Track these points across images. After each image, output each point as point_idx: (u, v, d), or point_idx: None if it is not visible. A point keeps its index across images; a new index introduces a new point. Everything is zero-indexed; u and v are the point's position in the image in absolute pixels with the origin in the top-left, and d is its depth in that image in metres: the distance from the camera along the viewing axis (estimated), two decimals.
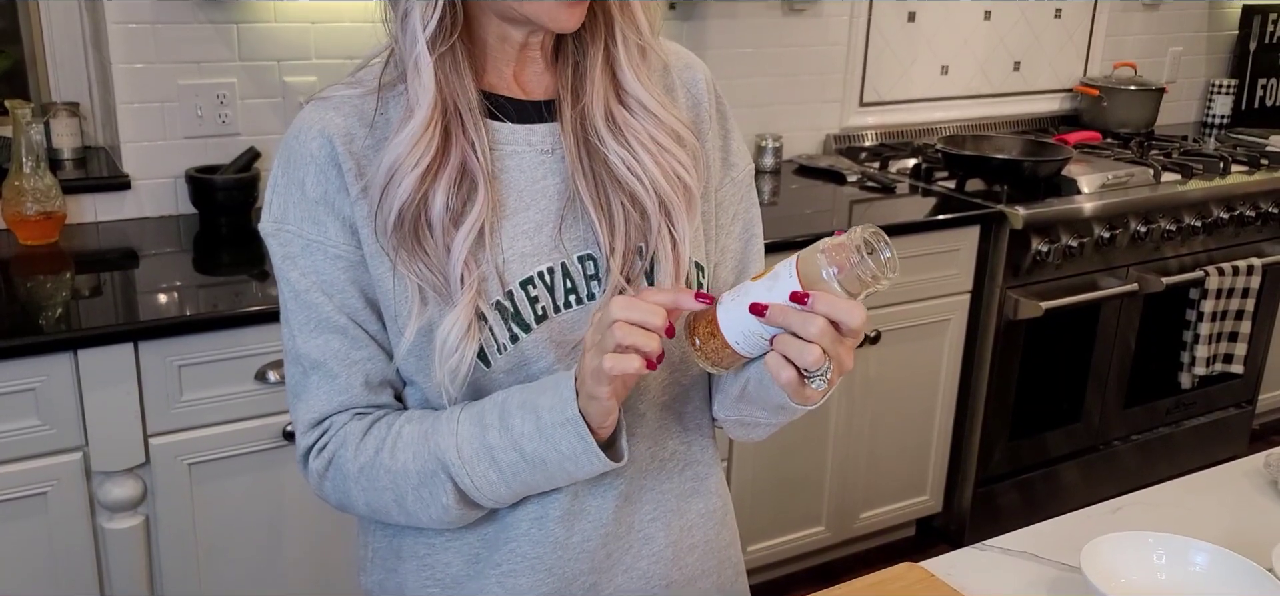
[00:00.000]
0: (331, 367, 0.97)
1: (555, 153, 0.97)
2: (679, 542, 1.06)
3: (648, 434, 1.03)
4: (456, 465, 0.93)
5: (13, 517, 1.68)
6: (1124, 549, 1.13)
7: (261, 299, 1.85)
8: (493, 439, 0.92)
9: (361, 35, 2.30)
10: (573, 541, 1.01)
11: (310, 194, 0.94)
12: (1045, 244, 2.61)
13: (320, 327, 0.96)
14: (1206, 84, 3.83)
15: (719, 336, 0.89)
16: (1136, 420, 3.04)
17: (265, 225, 0.97)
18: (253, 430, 1.81)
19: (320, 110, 0.96)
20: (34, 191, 1.99)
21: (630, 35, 0.96)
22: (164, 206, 2.24)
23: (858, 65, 3.06)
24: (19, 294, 1.83)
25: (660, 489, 1.05)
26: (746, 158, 1.10)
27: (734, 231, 1.08)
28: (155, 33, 2.13)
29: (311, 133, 0.95)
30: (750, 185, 1.10)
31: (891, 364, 2.56)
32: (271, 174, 0.98)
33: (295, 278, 0.96)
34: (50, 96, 2.25)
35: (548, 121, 0.98)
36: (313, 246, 0.95)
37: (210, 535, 1.84)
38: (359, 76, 0.98)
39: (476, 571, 1.03)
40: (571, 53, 0.98)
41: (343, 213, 0.94)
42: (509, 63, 0.97)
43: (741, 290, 0.88)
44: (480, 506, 0.97)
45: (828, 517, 2.62)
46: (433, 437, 0.94)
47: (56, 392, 1.66)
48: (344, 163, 0.93)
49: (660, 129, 0.97)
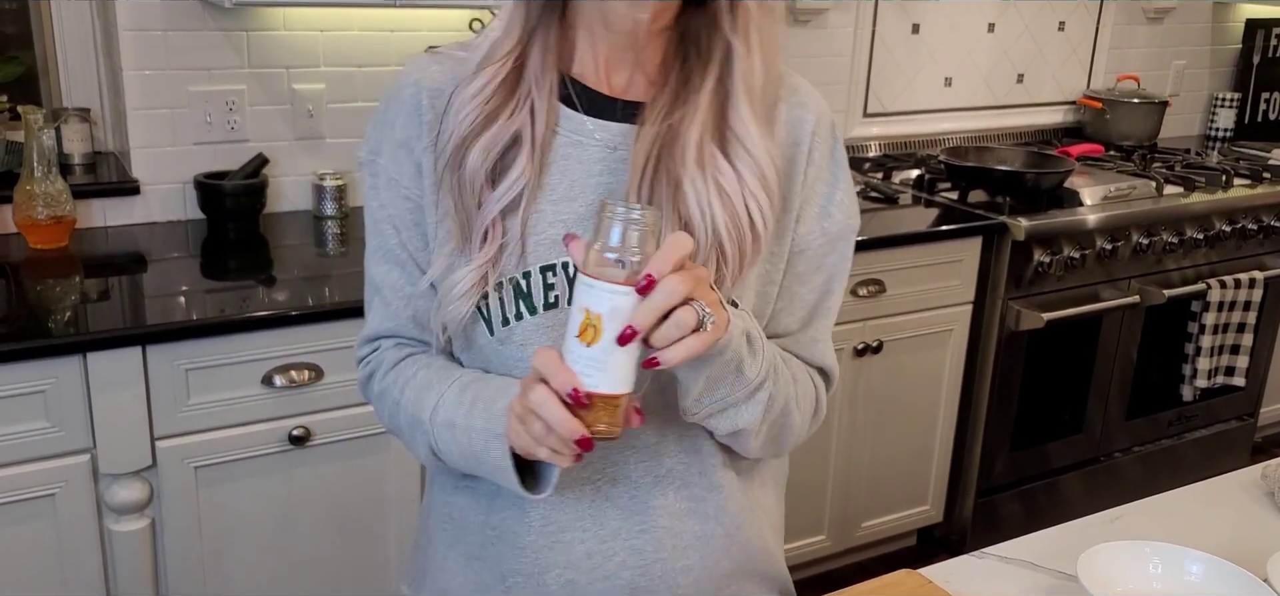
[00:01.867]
0: (387, 296, 1.05)
1: (618, 151, 0.98)
2: (669, 561, 1.04)
3: (643, 448, 1.01)
4: (428, 425, 1.00)
5: (21, 519, 1.69)
6: (1120, 558, 1.14)
7: (268, 304, 1.87)
8: (458, 417, 0.97)
9: (370, 43, 2.32)
10: (555, 546, 1.02)
11: (397, 135, 1.01)
12: (1047, 255, 2.62)
13: (386, 258, 1.04)
14: (1210, 97, 3.84)
15: (608, 402, 0.84)
16: (1138, 432, 3.05)
17: (362, 153, 1.05)
18: (259, 434, 1.83)
19: (426, 62, 1.03)
20: (44, 196, 2.01)
21: (751, 72, 0.95)
22: (173, 212, 2.26)
23: (862, 76, 3.08)
24: (29, 297, 1.85)
25: (651, 505, 1.03)
26: (849, 213, 1.05)
27: (813, 283, 1.05)
28: (166, 40, 2.15)
29: (409, 80, 1.02)
30: (846, 241, 1.06)
31: (893, 374, 2.57)
32: (376, 108, 1.05)
33: (375, 207, 1.04)
34: (61, 102, 2.27)
35: (623, 121, 0.98)
36: (392, 183, 1.02)
37: (216, 538, 1.85)
38: (475, 41, 1.03)
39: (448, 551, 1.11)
40: (686, 68, 0.97)
41: (418, 158, 1.00)
42: (599, 52, 0.99)
43: (574, 354, 0.83)
44: (451, 469, 1.03)
45: (829, 526, 2.63)
46: (427, 391, 1.01)
47: (65, 395, 1.68)
48: (426, 115, 1.00)
49: (751, 169, 0.95)
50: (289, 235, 2.26)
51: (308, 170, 2.36)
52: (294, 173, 2.35)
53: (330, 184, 2.33)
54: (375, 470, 1.95)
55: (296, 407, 1.85)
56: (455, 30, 2.37)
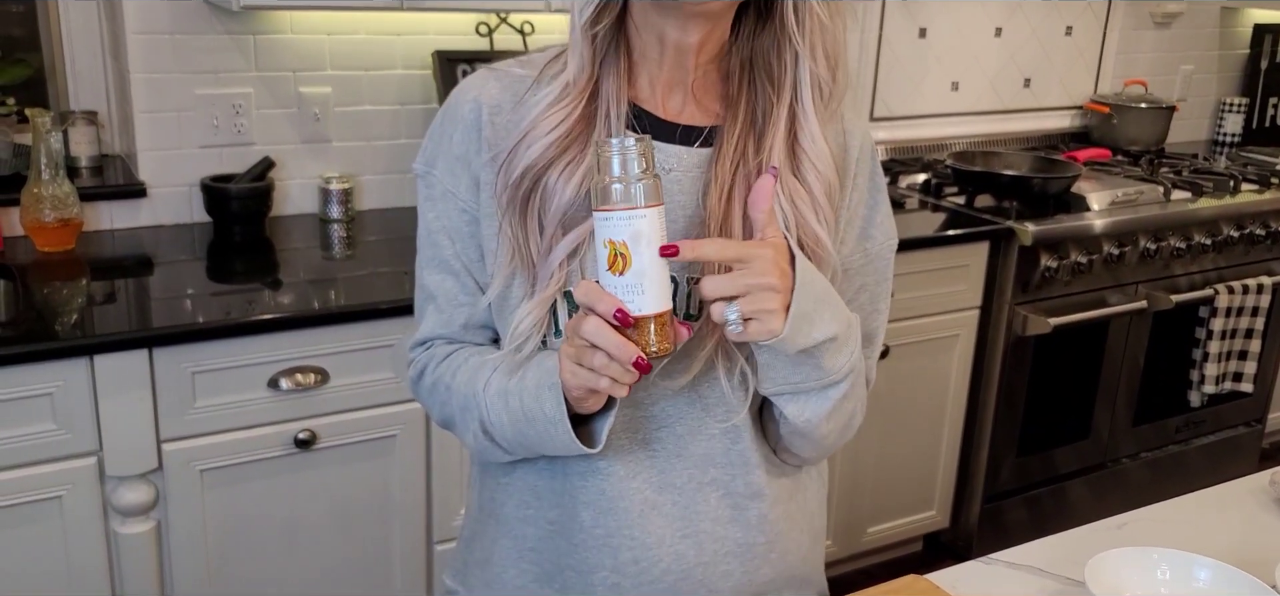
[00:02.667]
0: (441, 303, 1.09)
1: (673, 173, 1.01)
2: (710, 566, 1.08)
3: (690, 458, 1.05)
4: (482, 398, 1.02)
5: (28, 521, 1.70)
6: (1128, 564, 1.14)
7: (274, 307, 1.87)
8: (510, 384, 1.00)
9: (376, 47, 2.33)
10: (603, 548, 1.05)
11: (455, 149, 1.05)
12: (1054, 260, 2.62)
13: (440, 266, 1.08)
14: (1218, 102, 3.83)
15: (656, 322, 0.89)
16: (1146, 438, 3.04)
17: (418, 164, 1.08)
18: (265, 437, 1.83)
19: (484, 79, 1.06)
20: (52, 199, 2.02)
21: (819, 82, 0.99)
22: (179, 214, 2.26)
23: (868, 80, 3.08)
24: (36, 300, 1.86)
25: (696, 512, 1.06)
26: (888, 233, 1.10)
27: (858, 302, 1.09)
28: (173, 43, 2.16)
29: (469, 96, 1.05)
30: (887, 260, 1.11)
31: (899, 378, 2.57)
32: (434, 120, 1.08)
33: (431, 217, 1.07)
34: (69, 105, 2.28)
35: (675, 143, 1.02)
36: (448, 195, 1.05)
37: (221, 541, 1.85)
38: (534, 57, 1.05)
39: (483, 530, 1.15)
40: (755, 93, 1.00)
41: (475, 171, 1.04)
42: (656, 78, 1.02)
43: (610, 286, 0.89)
44: (501, 446, 1.04)
45: (835, 532, 2.62)
46: (480, 369, 1.04)
47: (72, 398, 1.68)
48: (485, 131, 1.03)
49: (820, 182, 1.00)
50: (295, 238, 2.26)
51: (314, 173, 2.36)
52: (300, 176, 2.35)
53: (336, 187, 2.34)
54: (380, 473, 1.95)
55: (302, 411, 1.85)
56: (462, 34, 2.37)
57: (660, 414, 1.04)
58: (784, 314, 0.91)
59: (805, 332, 0.93)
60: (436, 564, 2.05)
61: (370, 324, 1.86)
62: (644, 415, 1.04)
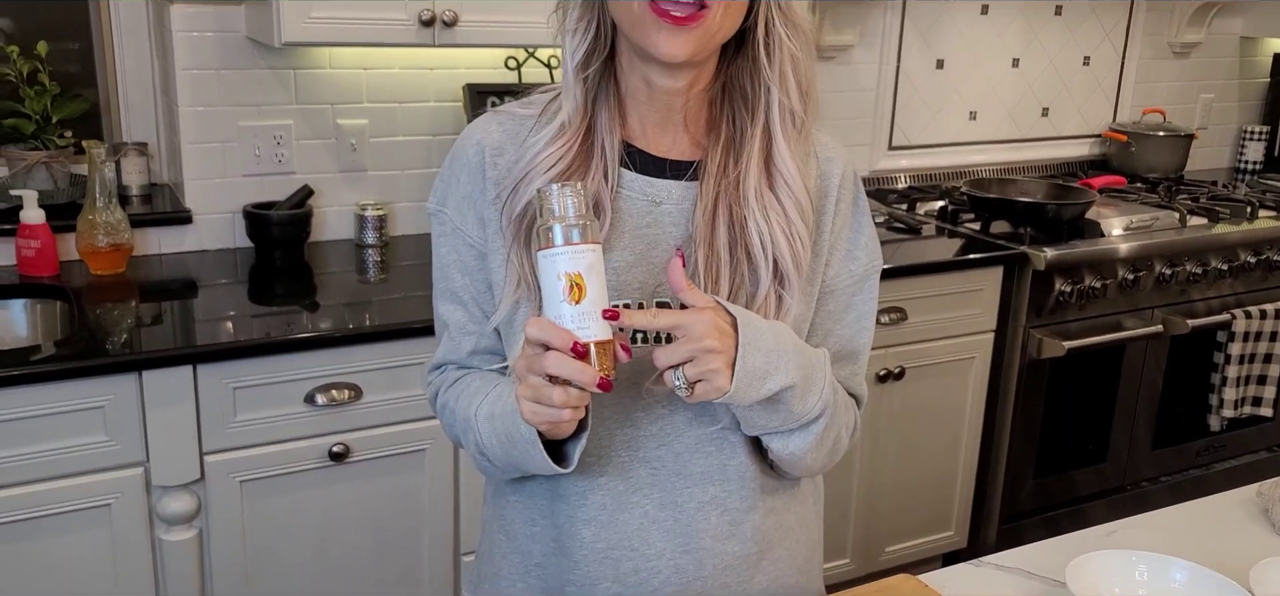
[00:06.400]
0: (452, 331, 1.15)
1: (663, 206, 1.08)
2: (709, 579, 1.12)
3: (691, 477, 1.10)
4: (474, 420, 1.09)
5: (79, 527, 1.79)
6: (1108, 566, 1.19)
7: (311, 327, 1.97)
8: (496, 407, 1.06)
9: (410, 81, 2.43)
10: (604, 562, 1.10)
11: (462, 189, 1.12)
12: (1069, 285, 2.66)
13: (451, 298, 1.15)
14: (1239, 130, 3.85)
15: (603, 348, 0.94)
16: (1166, 462, 3.06)
17: (431, 203, 1.15)
18: (301, 450, 1.92)
19: (487, 123, 1.13)
20: (105, 225, 2.13)
21: (790, 106, 1.05)
22: (223, 240, 2.37)
23: (887, 110, 3.14)
24: (89, 320, 1.96)
25: (695, 529, 1.11)
26: (872, 254, 1.15)
27: (846, 320, 1.14)
28: (219, 78, 2.27)
29: (472, 140, 1.12)
30: (871, 280, 1.15)
31: (916, 399, 2.62)
32: (444, 161, 1.16)
33: (443, 252, 1.14)
34: (121, 137, 2.40)
35: (665, 178, 1.08)
36: (458, 233, 1.12)
37: (259, 549, 1.94)
38: (535, 98, 1.13)
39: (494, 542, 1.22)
40: (735, 117, 1.07)
41: (481, 210, 1.10)
42: (645, 117, 1.08)
43: (564, 316, 0.94)
44: (495, 465, 1.10)
45: (853, 550, 2.67)
46: (475, 395, 1.10)
47: (122, 411, 1.78)
48: (489, 172, 1.10)
49: (793, 201, 1.05)
50: (332, 262, 2.36)
51: (350, 201, 2.47)
52: (337, 203, 2.46)
53: (372, 214, 2.44)
54: (411, 486, 2.03)
55: (337, 425, 1.94)
56: (491, 68, 2.47)
57: (660, 432, 1.09)
58: (729, 371, 0.95)
59: (757, 387, 0.97)
60: (462, 574, 2.12)
61: (402, 343, 1.95)
62: (644, 434, 1.09)
